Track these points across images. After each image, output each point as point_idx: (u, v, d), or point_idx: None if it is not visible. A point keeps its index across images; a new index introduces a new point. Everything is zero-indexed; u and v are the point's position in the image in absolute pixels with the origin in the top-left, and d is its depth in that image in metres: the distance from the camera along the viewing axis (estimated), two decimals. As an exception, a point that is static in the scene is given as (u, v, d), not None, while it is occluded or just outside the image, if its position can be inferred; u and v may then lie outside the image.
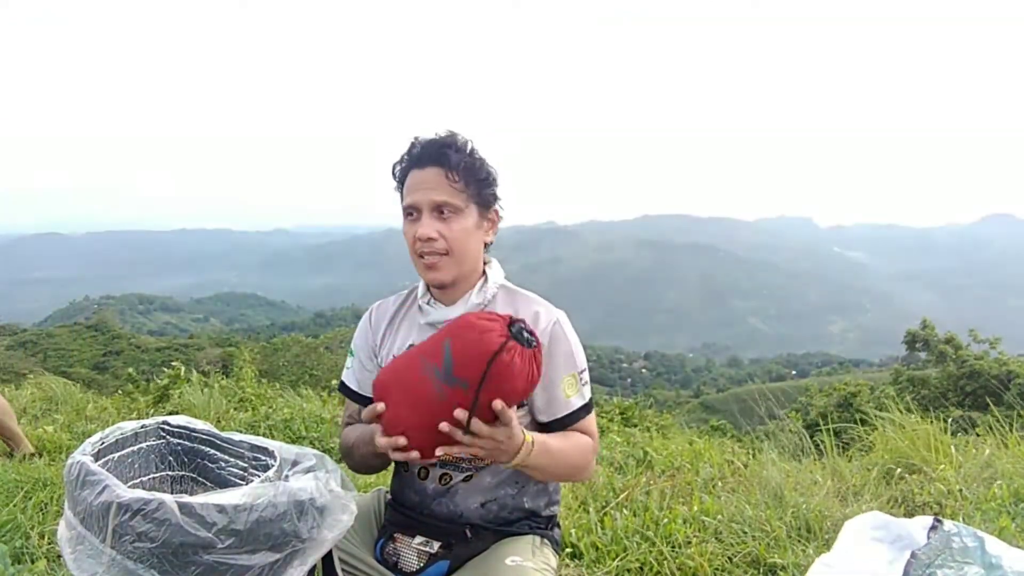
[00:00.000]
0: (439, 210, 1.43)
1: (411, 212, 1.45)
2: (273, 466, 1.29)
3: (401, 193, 1.50)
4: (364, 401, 1.58)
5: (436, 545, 1.46)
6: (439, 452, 1.24)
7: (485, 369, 1.19)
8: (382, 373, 1.36)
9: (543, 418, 1.47)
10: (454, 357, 1.21)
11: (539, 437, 1.36)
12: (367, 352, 1.61)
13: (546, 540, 1.54)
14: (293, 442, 4.17)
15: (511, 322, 1.25)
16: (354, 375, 1.62)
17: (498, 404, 1.20)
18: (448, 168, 1.42)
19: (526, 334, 1.24)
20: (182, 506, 1.05)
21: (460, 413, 1.20)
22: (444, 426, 1.20)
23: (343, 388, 1.64)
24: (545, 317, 1.48)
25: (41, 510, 2.49)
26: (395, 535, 1.50)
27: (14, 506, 2.44)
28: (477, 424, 1.21)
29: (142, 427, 1.40)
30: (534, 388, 1.28)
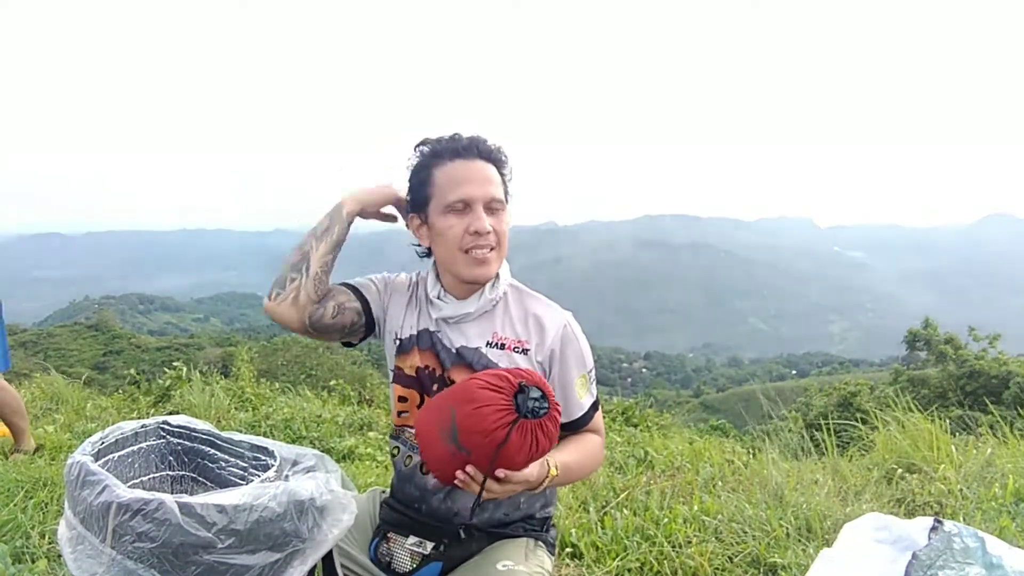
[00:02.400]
0: (490, 205, 1.44)
1: (462, 205, 1.43)
2: (273, 466, 1.29)
3: (427, 180, 1.46)
4: (353, 288, 1.56)
5: (429, 546, 1.47)
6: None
7: (483, 445, 1.18)
8: (419, 412, 1.36)
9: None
10: (458, 426, 1.20)
11: (562, 462, 1.37)
12: (382, 291, 1.59)
13: (540, 543, 1.54)
14: (293, 442, 4.17)
15: (519, 389, 1.19)
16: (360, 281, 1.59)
17: (501, 473, 1.21)
18: (501, 166, 1.47)
19: (532, 402, 1.19)
20: (182, 506, 1.04)
21: (467, 479, 1.21)
22: (459, 478, 1.23)
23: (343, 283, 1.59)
24: (554, 322, 1.49)
25: (41, 510, 2.49)
26: (389, 535, 1.51)
27: (14, 506, 2.43)
28: (490, 484, 1.23)
29: (142, 427, 1.40)
30: (544, 454, 1.24)
